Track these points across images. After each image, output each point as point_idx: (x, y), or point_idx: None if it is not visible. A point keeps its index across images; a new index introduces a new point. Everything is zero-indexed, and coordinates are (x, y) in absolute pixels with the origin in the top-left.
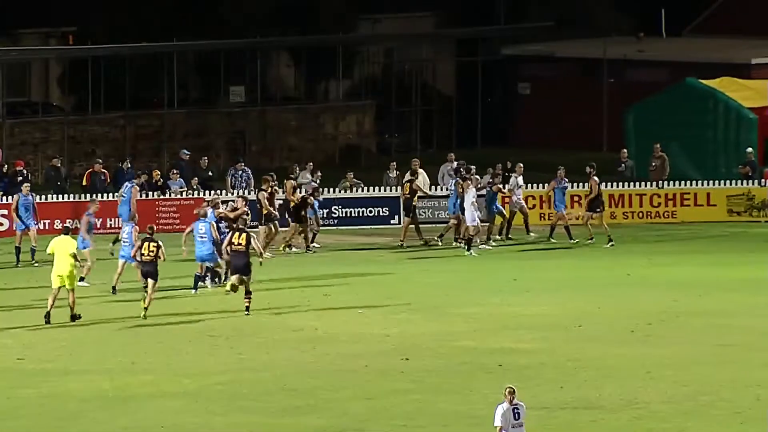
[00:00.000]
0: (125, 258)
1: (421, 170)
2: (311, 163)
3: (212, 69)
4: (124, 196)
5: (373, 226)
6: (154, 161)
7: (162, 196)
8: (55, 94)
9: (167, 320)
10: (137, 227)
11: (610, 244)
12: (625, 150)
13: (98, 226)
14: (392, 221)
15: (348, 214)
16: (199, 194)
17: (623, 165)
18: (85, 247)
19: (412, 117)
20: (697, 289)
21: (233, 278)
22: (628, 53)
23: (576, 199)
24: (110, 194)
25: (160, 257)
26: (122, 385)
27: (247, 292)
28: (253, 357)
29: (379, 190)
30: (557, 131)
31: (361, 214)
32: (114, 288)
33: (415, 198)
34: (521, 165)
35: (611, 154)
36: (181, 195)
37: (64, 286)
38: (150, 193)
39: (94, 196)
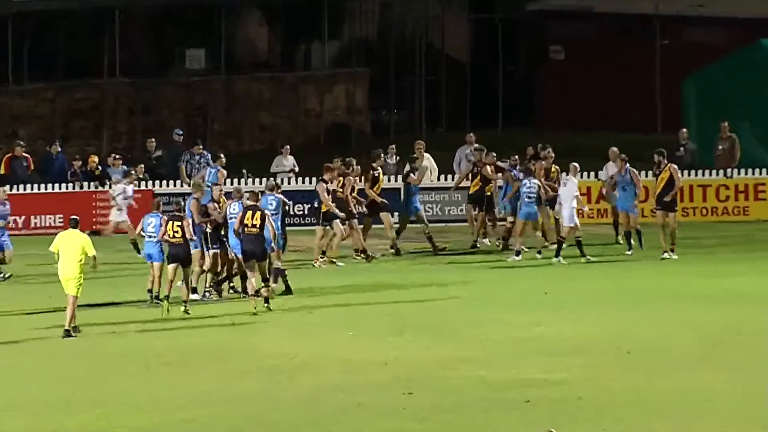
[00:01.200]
0: (152, 258)
1: (427, 155)
2: (287, 147)
3: (165, 29)
4: None
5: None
6: (91, 144)
7: (101, 188)
8: None
9: (112, 339)
10: (165, 217)
11: (668, 254)
12: (684, 130)
13: (15, 224)
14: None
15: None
16: (146, 185)
17: (682, 149)
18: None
19: (416, 89)
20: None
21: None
22: (684, 8)
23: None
24: (35, 185)
25: (188, 236)
26: (58, 423)
27: (265, 279)
28: (219, 388)
29: None
30: (597, 107)
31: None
32: (155, 296)
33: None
34: (576, 165)
35: (667, 135)
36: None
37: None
38: (86, 183)
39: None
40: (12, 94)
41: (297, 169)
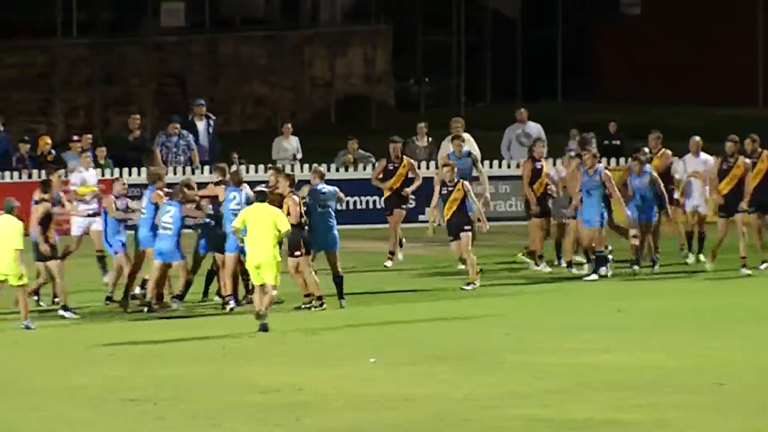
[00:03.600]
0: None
1: (467, 135)
2: (289, 125)
3: None
4: None
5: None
6: (39, 121)
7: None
8: None
9: (52, 366)
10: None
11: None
12: None
13: None
14: (421, 215)
15: (351, 205)
16: (111, 173)
17: None
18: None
19: (452, 51)
20: None
21: None
22: None
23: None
24: None
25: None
26: None
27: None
28: None
29: None
30: (680, 74)
31: (371, 205)
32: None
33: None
34: (698, 140)
35: None
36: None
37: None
38: (34, 172)
39: None
40: None
41: (301, 154)
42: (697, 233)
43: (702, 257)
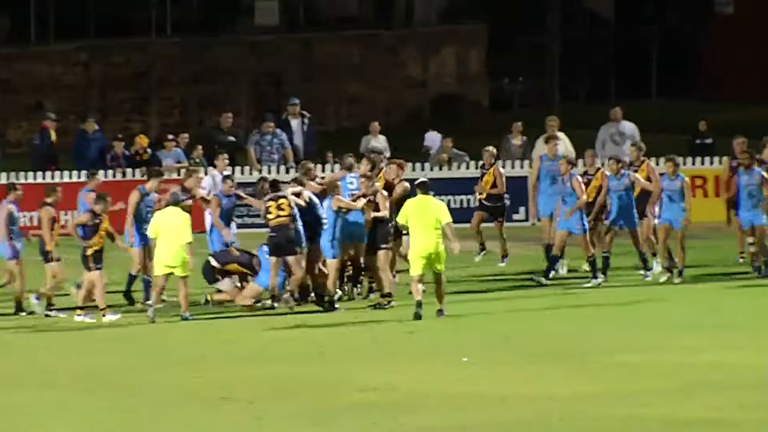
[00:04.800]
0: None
1: (561, 134)
2: (375, 124)
3: None
4: None
5: (484, 223)
6: (134, 120)
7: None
8: None
9: (152, 367)
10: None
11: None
12: None
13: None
14: (515, 215)
15: (446, 204)
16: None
17: None
18: (14, 257)
19: (547, 51)
20: None
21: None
22: None
23: None
24: (65, 172)
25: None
26: None
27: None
28: None
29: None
30: None
31: (466, 204)
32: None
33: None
34: None
35: None
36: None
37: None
38: (129, 170)
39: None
40: (34, 58)
41: (389, 153)
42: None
43: None
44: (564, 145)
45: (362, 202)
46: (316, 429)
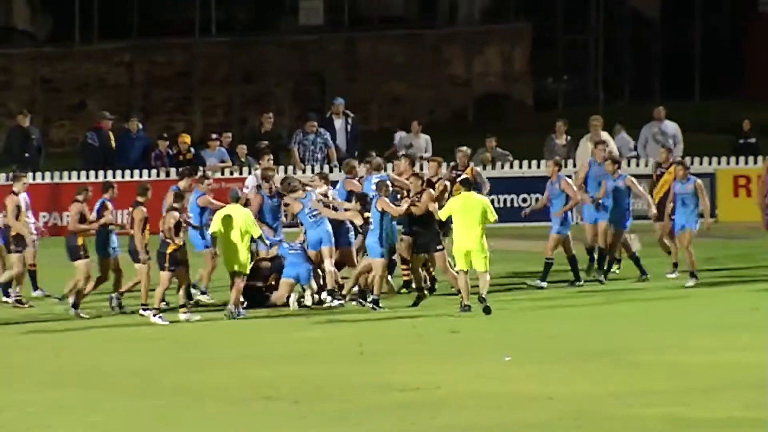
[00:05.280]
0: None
1: (605, 134)
2: (415, 123)
3: None
4: None
5: (528, 224)
6: (177, 119)
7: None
8: (21, 15)
9: (193, 366)
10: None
11: None
12: None
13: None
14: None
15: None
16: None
17: None
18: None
19: (590, 50)
20: None
21: None
22: None
23: None
24: (108, 171)
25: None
26: None
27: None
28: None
29: (539, 166)
30: None
31: (508, 204)
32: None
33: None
34: None
35: None
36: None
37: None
38: (173, 170)
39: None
40: (78, 57)
41: (429, 152)
42: None
43: None
44: (609, 142)
45: (404, 206)
46: (357, 429)
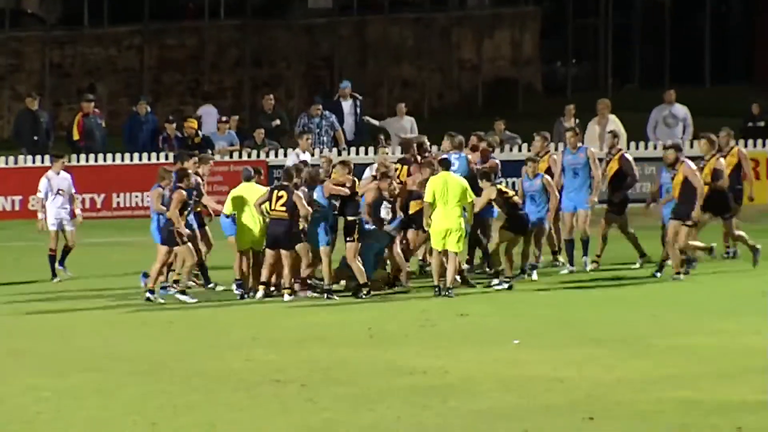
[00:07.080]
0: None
1: (612, 117)
2: (401, 105)
3: None
4: None
5: None
6: (187, 102)
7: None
8: None
9: (203, 350)
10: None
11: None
12: None
13: (92, 204)
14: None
15: None
16: (266, 155)
17: None
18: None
19: (600, 35)
20: None
21: None
22: None
23: None
24: (117, 155)
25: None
26: None
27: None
28: (348, 418)
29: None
30: None
31: (517, 186)
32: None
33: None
34: None
35: None
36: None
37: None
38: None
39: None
40: (88, 41)
41: (411, 133)
42: None
43: None
44: (615, 126)
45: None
46: (368, 413)
